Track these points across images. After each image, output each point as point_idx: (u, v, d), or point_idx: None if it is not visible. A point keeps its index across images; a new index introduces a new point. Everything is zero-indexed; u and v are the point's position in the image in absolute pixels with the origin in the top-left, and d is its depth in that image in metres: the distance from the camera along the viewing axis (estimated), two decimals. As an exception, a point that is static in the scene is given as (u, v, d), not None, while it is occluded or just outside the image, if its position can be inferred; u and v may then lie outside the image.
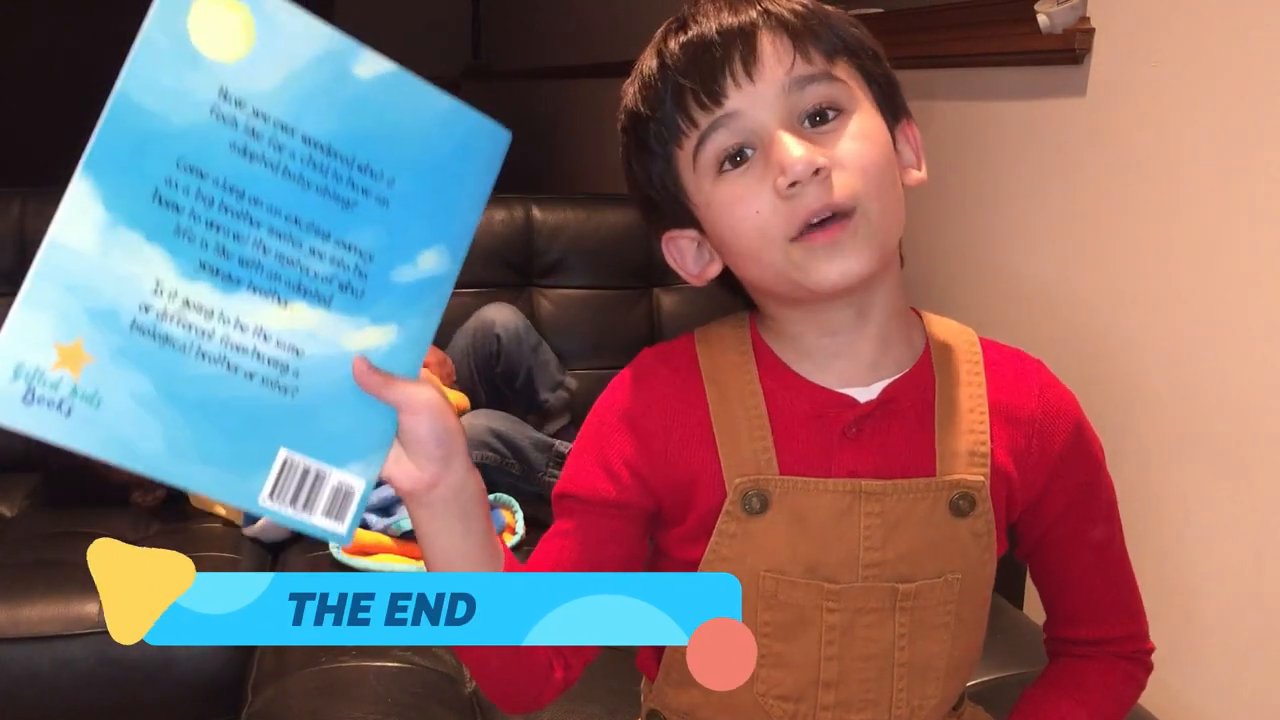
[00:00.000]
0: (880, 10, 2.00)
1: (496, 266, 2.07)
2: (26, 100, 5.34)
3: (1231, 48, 1.20)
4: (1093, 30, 1.39)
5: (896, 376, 0.77)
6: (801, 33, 0.71)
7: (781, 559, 0.75)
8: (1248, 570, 1.22)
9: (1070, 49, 1.41)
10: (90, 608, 1.41)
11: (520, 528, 1.62)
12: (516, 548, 1.59)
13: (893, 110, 0.75)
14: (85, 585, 1.45)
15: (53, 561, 1.52)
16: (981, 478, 0.76)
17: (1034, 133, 1.52)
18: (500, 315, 1.91)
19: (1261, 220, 1.17)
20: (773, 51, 0.71)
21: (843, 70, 0.73)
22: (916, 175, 0.76)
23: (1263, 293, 1.18)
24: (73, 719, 1.42)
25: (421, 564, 1.64)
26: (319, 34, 0.58)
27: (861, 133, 0.71)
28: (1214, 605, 1.26)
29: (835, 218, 0.69)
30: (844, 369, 0.77)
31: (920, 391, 0.77)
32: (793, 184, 0.68)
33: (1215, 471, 1.25)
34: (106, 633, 1.49)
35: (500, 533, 1.60)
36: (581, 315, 2.08)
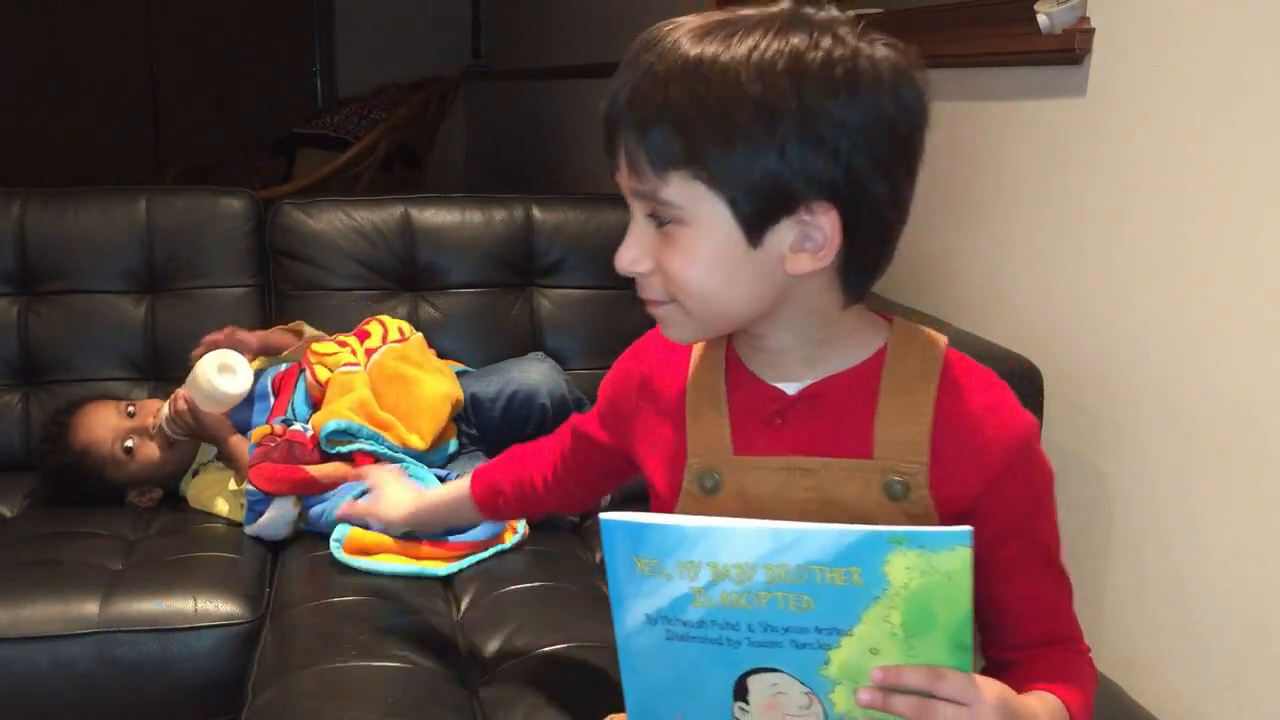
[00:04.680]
0: (880, 10, 2.00)
1: (496, 266, 2.06)
2: (26, 101, 5.34)
3: (1231, 48, 1.20)
4: (1093, 30, 1.39)
5: (829, 375, 0.83)
6: (641, 142, 0.74)
7: None
8: (1248, 570, 1.22)
9: (1070, 49, 1.41)
10: (90, 608, 1.41)
11: (521, 526, 1.62)
12: (518, 547, 1.59)
13: (772, 208, 0.74)
14: (85, 585, 1.46)
15: (53, 561, 1.52)
16: (916, 465, 0.80)
17: (1034, 133, 1.52)
18: (542, 382, 1.79)
19: (1262, 219, 1.17)
20: (623, 155, 0.76)
21: (676, 185, 0.74)
22: (805, 264, 0.75)
23: (1263, 292, 1.18)
24: (73, 719, 1.42)
25: (422, 564, 1.64)
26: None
27: (685, 250, 0.76)
28: (1214, 605, 1.26)
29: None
30: (778, 368, 0.84)
31: (860, 387, 0.82)
32: None
33: (1215, 471, 1.25)
34: (106, 633, 1.50)
35: (502, 533, 1.60)
36: (581, 315, 2.07)
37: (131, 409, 1.77)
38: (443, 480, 1.61)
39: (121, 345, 1.98)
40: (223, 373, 1.72)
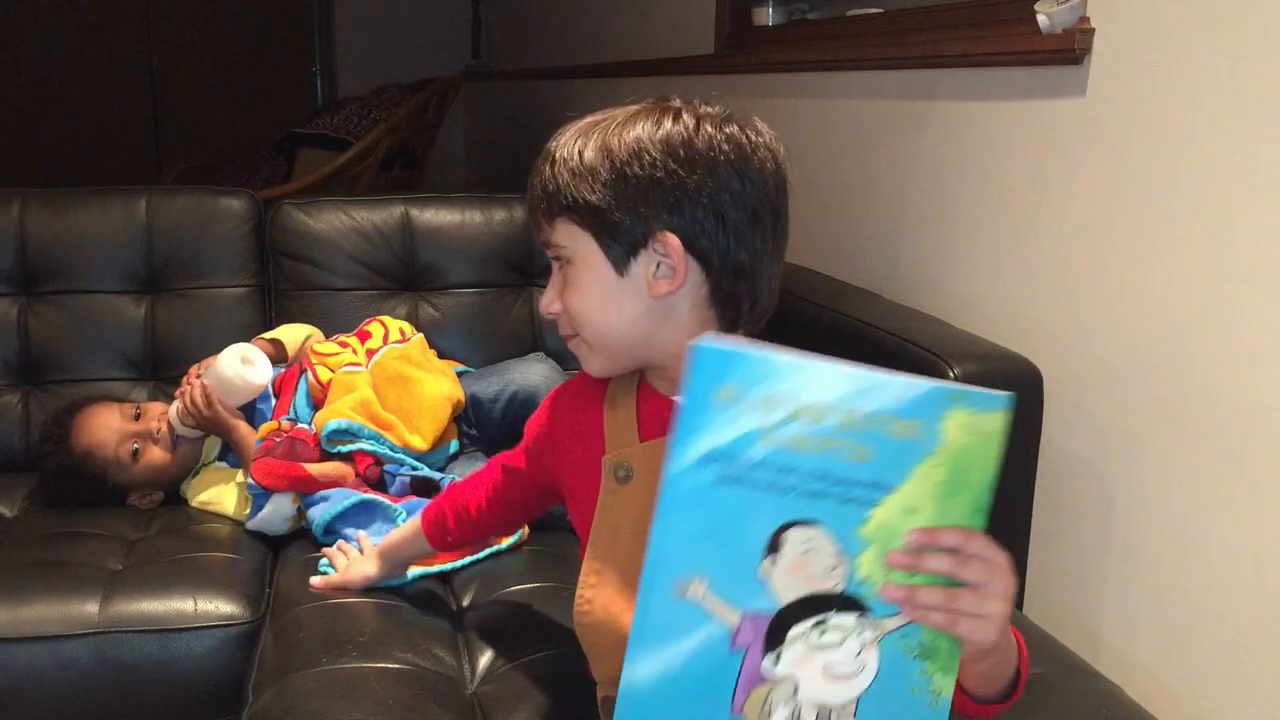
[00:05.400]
0: (880, 10, 2.00)
1: (496, 266, 2.07)
2: (26, 101, 5.34)
3: (1231, 47, 1.20)
4: (1093, 30, 1.39)
5: None
6: (538, 202, 0.99)
7: (643, 508, 0.95)
8: (1248, 570, 1.22)
9: (1070, 49, 1.41)
10: (90, 608, 1.41)
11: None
12: (518, 547, 1.60)
13: (629, 241, 0.95)
14: (85, 585, 1.46)
15: (53, 561, 1.52)
16: None
17: (1033, 133, 1.52)
18: (543, 383, 1.80)
19: (1261, 220, 1.18)
20: (536, 217, 1.00)
21: (562, 229, 0.97)
22: (664, 287, 0.95)
23: (1263, 292, 1.18)
24: (73, 719, 1.42)
25: (419, 565, 1.63)
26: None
27: (575, 284, 0.98)
28: (1214, 605, 1.27)
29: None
30: (670, 386, 1.01)
31: None
32: None
33: (1215, 471, 1.25)
34: (106, 633, 1.49)
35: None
36: (581, 315, 2.07)
37: (137, 411, 1.77)
38: (437, 482, 1.62)
39: (121, 345, 1.99)
40: (244, 365, 1.74)
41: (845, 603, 0.75)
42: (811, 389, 0.72)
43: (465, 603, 1.46)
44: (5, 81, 5.28)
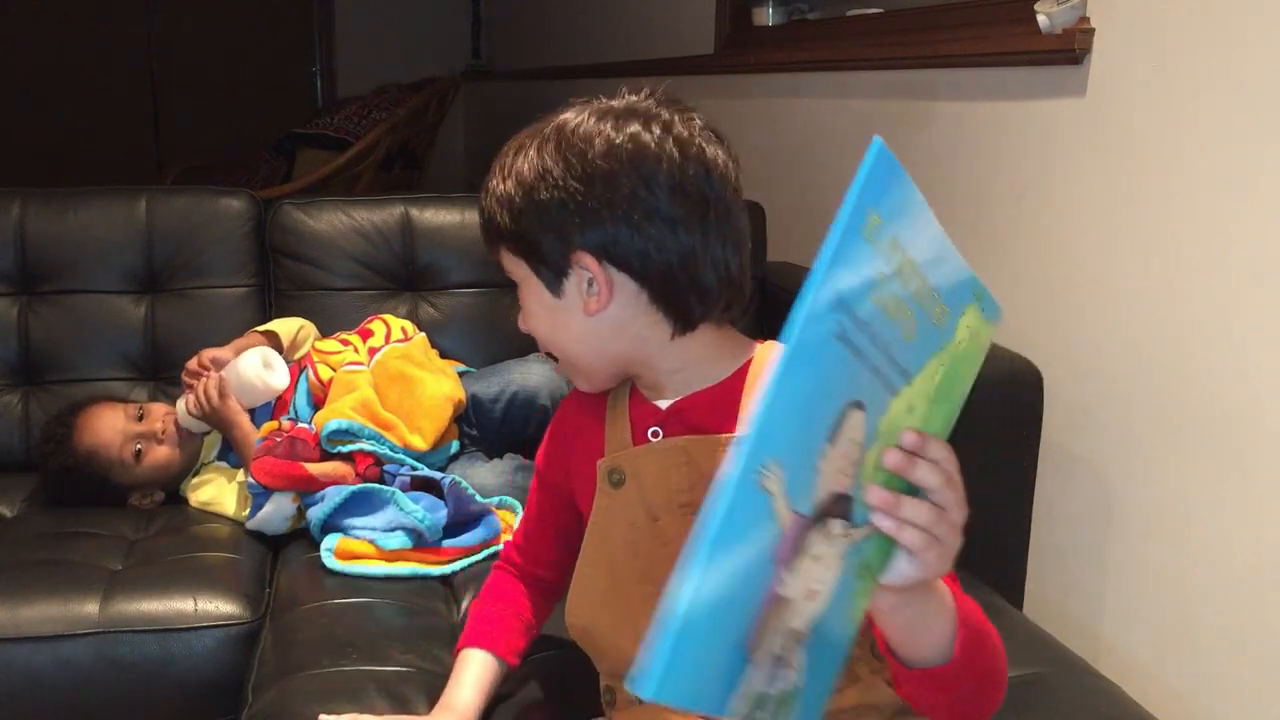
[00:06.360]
0: (880, 10, 2.00)
1: (496, 267, 2.06)
2: (26, 101, 5.34)
3: (1231, 47, 1.20)
4: (1093, 30, 1.39)
5: (692, 393, 0.98)
6: (482, 231, 1.00)
7: (636, 514, 0.99)
8: (1248, 570, 1.22)
9: (1070, 49, 1.41)
10: (90, 608, 1.41)
11: (517, 527, 1.62)
12: (516, 548, 1.60)
13: (554, 264, 0.94)
14: (85, 585, 1.46)
15: (53, 561, 1.52)
16: None
17: (1033, 133, 1.52)
18: (543, 384, 1.79)
19: (1261, 219, 1.18)
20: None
21: (505, 255, 0.99)
22: (594, 305, 0.94)
23: (1263, 292, 1.18)
24: (73, 719, 1.42)
25: (413, 565, 1.64)
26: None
27: (526, 308, 1.00)
28: (1214, 605, 1.26)
29: None
30: (654, 390, 1.01)
31: (725, 400, 0.97)
32: None
33: (1215, 471, 1.25)
34: (106, 633, 1.49)
35: (497, 535, 1.60)
36: (581, 315, 2.07)
37: (140, 412, 1.77)
38: (438, 482, 1.62)
39: (121, 345, 1.98)
40: (265, 368, 1.75)
41: (843, 506, 0.61)
42: (919, 240, 0.60)
43: (465, 603, 1.46)
44: (5, 81, 5.28)
